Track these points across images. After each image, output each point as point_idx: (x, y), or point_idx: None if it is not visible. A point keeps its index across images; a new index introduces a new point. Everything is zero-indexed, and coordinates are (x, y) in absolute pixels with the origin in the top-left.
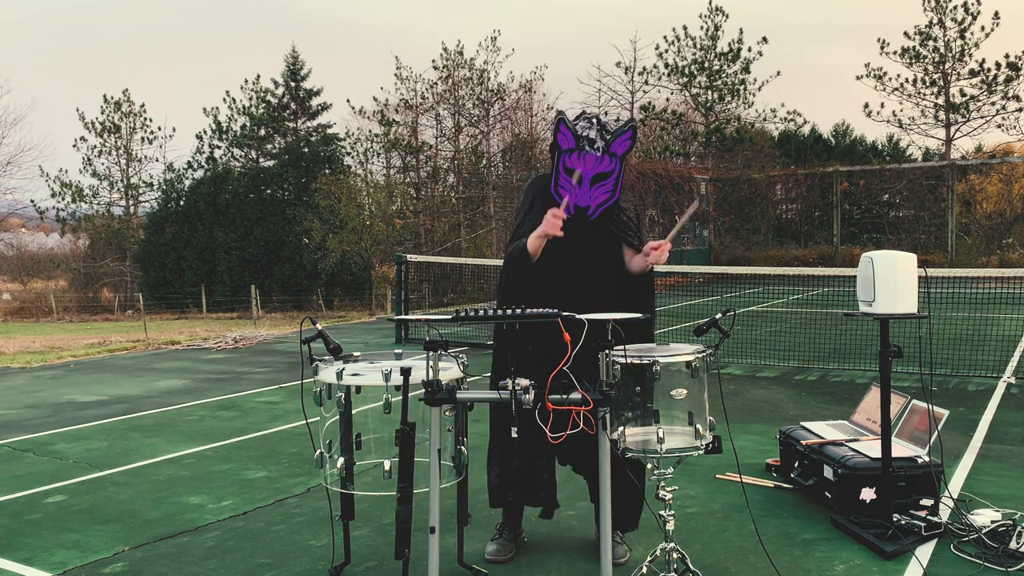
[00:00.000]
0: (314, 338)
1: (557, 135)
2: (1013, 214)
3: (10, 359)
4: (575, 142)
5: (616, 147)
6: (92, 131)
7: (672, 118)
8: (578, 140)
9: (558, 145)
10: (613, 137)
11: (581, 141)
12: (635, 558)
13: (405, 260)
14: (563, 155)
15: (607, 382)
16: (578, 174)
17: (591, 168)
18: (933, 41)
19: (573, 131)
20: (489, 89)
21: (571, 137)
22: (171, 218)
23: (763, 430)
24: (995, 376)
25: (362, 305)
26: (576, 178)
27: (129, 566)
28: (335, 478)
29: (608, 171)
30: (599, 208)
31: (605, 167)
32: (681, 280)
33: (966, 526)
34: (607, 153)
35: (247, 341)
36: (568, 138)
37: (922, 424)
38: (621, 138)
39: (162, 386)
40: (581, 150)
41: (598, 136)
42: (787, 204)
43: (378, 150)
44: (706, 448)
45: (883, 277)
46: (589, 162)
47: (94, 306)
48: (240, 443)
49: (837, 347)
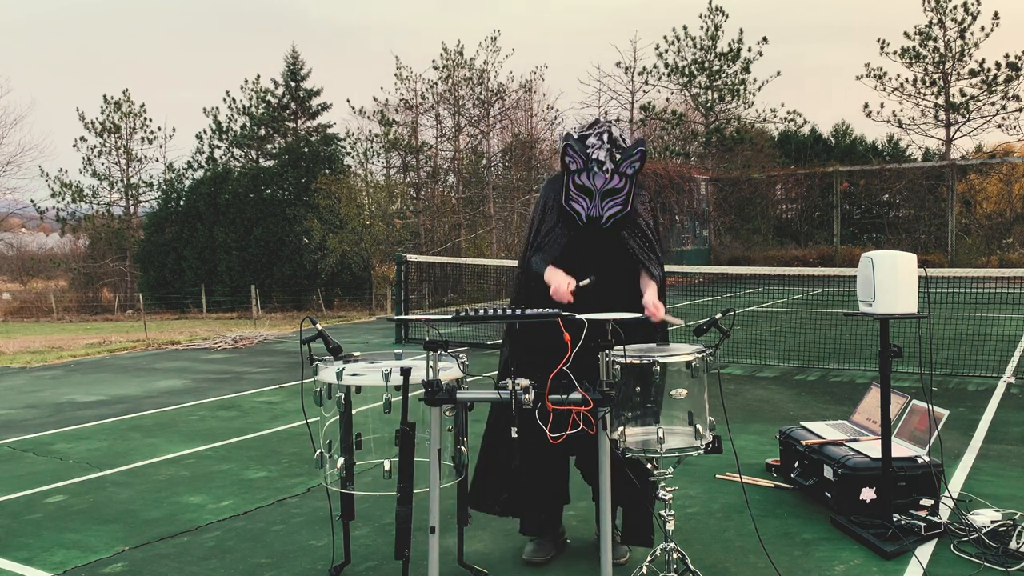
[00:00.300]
0: (314, 338)
1: (565, 157)
2: (1013, 214)
3: (10, 359)
4: (584, 163)
5: (625, 168)
6: (92, 131)
7: (672, 118)
8: (587, 162)
9: (566, 166)
10: (623, 159)
11: (590, 163)
12: (635, 558)
13: (405, 260)
14: (572, 175)
15: (607, 382)
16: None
17: (601, 186)
18: (933, 41)
19: (581, 155)
20: (489, 89)
21: (580, 160)
22: (171, 218)
23: (763, 430)
24: (995, 376)
25: (362, 305)
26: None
27: (129, 566)
28: (335, 478)
29: (619, 188)
30: (612, 219)
31: (616, 184)
32: (681, 280)
33: (966, 526)
34: (616, 173)
35: (247, 341)
36: (576, 160)
37: (922, 424)
38: (630, 159)
39: (162, 386)
40: (590, 171)
41: (607, 158)
42: (787, 204)
43: (378, 150)
44: (706, 448)
45: (883, 277)
46: (599, 181)
47: (94, 306)
48: (240, 443)
49: (837, 347)
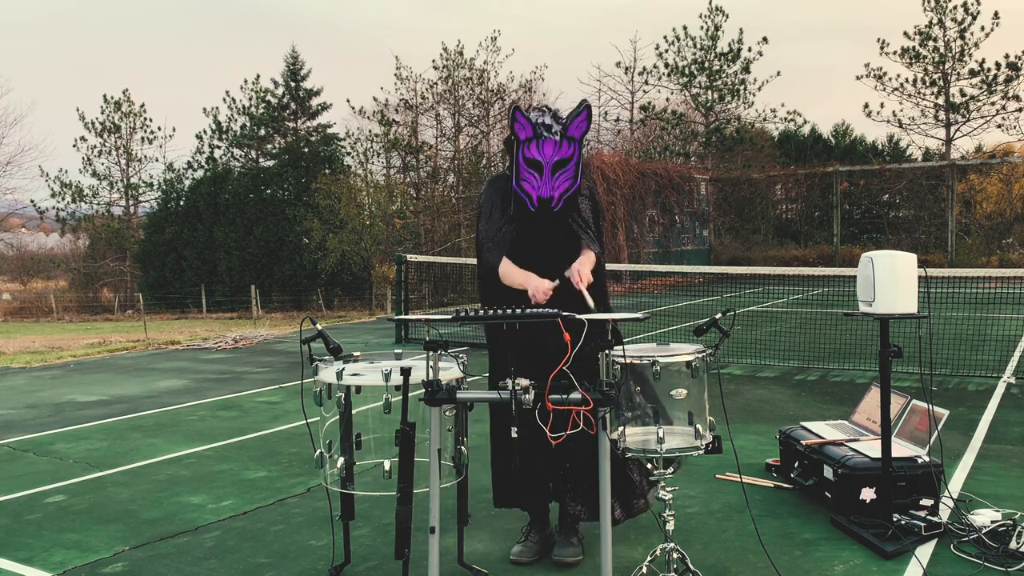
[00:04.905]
0: (314, 338)
1: (514, 124)
2: (1013, 214)
3: (10, 359)
4: (532, 130)
5: (573, 130)
6: (92, 131)
7: (672, 118)
8: (535, 128)
9: (516, 136)
10: (569, 120)
11: (538, 128)
12: (635, 558)
13: (405, 260)
14: (522, 145)
15: (607, 382)
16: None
17: (551, 155)
18: (933, 41)
19: (529, 120)
20: (489, 89)
21: (528, 126)
22: (171, 218)
23: (763, 430)
24: (995, 376)
25: (362, 305)
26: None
27: (129, 566)
28: (335, 478)
29: (568, 156)
30: (563, 197)
31: (564, 152)
32: (681, 280)
33: (966, 526)
34: (565, 137)
35: (247, 341)
36: (525, 127)
37: (922, 424)
38: (576, 120)
39: (162, 386)
40: (539, 137)
41: (553, 121)
42: (787, 204)
43: (378, 150)
44: (706, 448)
45: (883, 277)
46: (548, 149)
47: (94, 306)
48: (240, 443)
49: (837, 347)
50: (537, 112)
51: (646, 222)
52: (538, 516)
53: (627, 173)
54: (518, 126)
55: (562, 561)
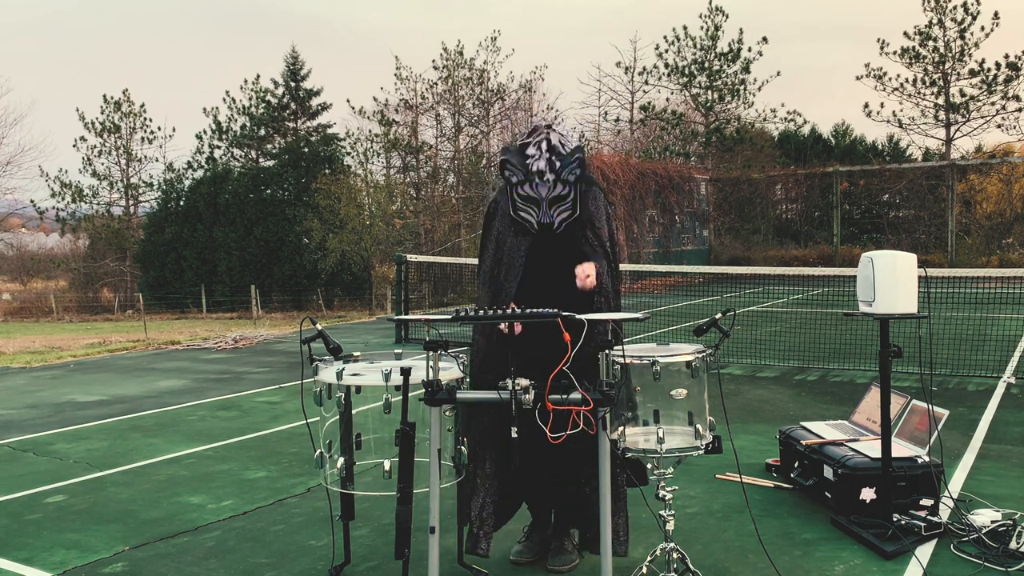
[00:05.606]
0: (314, 338)
1: (505, 171)
2: (1013, 214)
3: (10, 359)
4: (525, 176)
5: (566, 175)
6: (92, 131)
7: (672, 118)
8: (528, 174)
9: (508, 180)
10: (562, 166)
11: (531, 176)
12: (635, 558)
13: (405, 260)
14: (515, 186)
15: (607, 382)
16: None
17: (546, 195)
18: (933, 41)
19: (521, 167)
20: (489, 89)
21: (520, 172)
22: (171, 218)
23: (763, 430)
24: (995, 376)
25: (362, 305)
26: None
27: (129, 566)
28: (335, 478)
29: (564, 194)
30: (563, 223)
31: (560, 192)
32: (681, 280)
33: (966, 526)
34: (559, 181)
35: (247, 341)
36: (517, 173)
37: (922, 424)
38: (570, 167)
39: (162, 386)
40: (532, 182)
41: (547, 168)
42: (787, 204)
43: (378, 150)
44: (706, 448)
45: (883, 277)
46: (542, 190)
47: (94, 306)
48: (240, 443)
49: (837, 347)
50: (533, 150)
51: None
52: (539, 517)
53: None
54: (509, 173)
55: (557, 570)
